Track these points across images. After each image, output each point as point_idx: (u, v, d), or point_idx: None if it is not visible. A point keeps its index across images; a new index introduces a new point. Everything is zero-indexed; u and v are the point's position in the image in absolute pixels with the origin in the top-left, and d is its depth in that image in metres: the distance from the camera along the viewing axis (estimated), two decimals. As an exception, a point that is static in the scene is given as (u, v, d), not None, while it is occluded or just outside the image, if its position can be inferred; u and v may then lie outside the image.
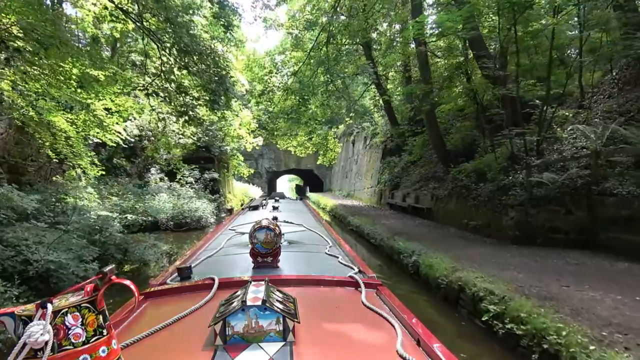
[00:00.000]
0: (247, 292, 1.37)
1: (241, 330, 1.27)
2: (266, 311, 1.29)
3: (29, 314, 0.93)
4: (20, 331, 0.91)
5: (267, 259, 2.30)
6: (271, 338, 1.28)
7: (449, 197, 10.14)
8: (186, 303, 1.71)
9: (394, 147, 16.56)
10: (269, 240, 2.27)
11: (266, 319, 1.28)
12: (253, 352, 1.22)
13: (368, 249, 9.27)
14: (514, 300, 3.81)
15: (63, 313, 0.96)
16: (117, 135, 11.35)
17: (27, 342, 0.89)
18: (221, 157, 18.39)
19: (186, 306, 1.66)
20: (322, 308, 1.79)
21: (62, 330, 0.95)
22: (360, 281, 2.03)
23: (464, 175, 9.72)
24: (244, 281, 1.68)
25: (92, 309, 1.00)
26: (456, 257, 5.83)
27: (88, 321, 0.99)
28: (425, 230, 9.22)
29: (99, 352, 0.98)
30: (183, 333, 1.46)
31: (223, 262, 2.66)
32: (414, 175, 14.50)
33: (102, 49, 15.66)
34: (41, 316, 0.92)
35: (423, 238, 7.93)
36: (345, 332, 1.50)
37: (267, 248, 2.28)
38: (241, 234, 3.60)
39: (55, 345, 0.93)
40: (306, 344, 1.30)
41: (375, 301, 1.86)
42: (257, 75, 14.66)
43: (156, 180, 12.82)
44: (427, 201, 11.54)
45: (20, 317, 0.93)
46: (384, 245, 8.21)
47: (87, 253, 4.66)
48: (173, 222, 11.03)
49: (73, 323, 0.96)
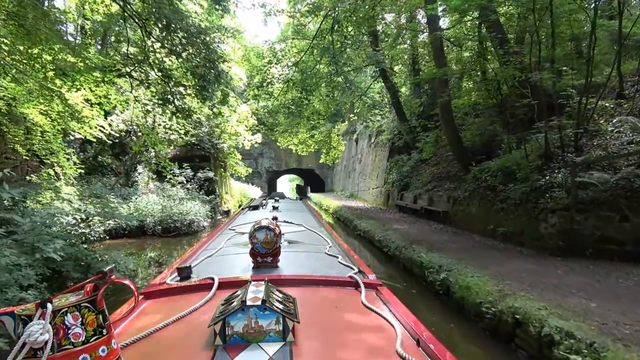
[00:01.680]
0: (247, 292, 1.35)
1: (241, 330, 1.26)
2: (266, 311, 1.27)
3: (29, 314, 0.93)
4: (20, 331, 0.92)
5: (267, 259, 2.28)
6: (271, 338, 1.27)
7: (470, 199, 9.03)
8: (186, 303, 1.70)
9: (403, 144, 15.44)
10: (269, 240, 2.24)
11: (266, 319, 1.27)
12: (253, 352, 1.21)
13: (380, 259, 8.15)
14: (609, 349, 2.70)
15: (63, 312, 0.96)
16: (100, 130, 10.28)
17: (27, 342, 0.89)
18: (217, 155, 17.28)
19: (186, 306, 1.64)
20: (322, 308, 1.77)
21: (61, 329, 0.95)
22: (360, 281, 2.01)
23: (488, 174, 8.60)
24: (244, 281, 1.66)
25: (92, 308, 1.00)
26: (496, 275, 4.73)
27: (88, 321, 0.99)
28: (445, 237, 8.11)
29: (98, 351, 0.99)
30: (183, 333, 1.44)
31: (223, 262, 2.62)
32: (425, 175, 13.39)
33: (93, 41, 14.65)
34: (41, 316, 0.92)
35: (446, 248, 6.82)
36: (345, 332, 1.49)
37: (267, 248, 2.26)
38: (241, 234, 3.57)
39: (55, 345, 0.93)
40: (306, 344, 1.29)
41: (375, 301, 1.84)
42: (255, 66, 13.53)
43: (144, 180, 11.70)
44: (443, 203, 10.43)
45: (20, 317, 0.93)
46: (400, 255, 7.10)
47: (27, 273, 3.56)
48: (161, 226, 9.92)
49: (73, 323, 0.97)
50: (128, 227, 9.68)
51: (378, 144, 19.24)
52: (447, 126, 10.98)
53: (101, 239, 9.27)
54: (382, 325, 1.54)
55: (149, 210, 10.20)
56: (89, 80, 8.29)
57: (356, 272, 2.23)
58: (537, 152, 7.89)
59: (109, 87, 8.70)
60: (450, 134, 10.97)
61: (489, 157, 10.03)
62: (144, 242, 9.60)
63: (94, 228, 6.45)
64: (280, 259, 2.33)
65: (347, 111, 14.91)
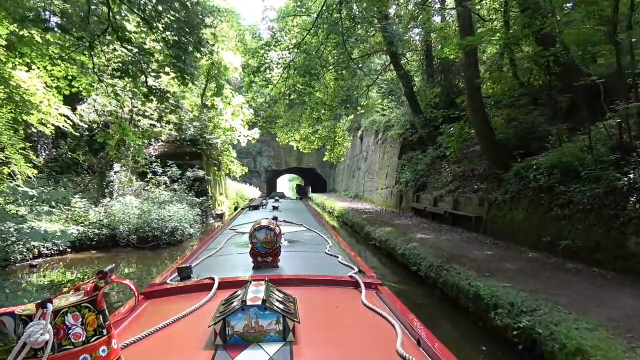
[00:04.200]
0: (247, 292, 1.34)
1: (241, 330, 1.24)
2: (266, 311, 1.25)
3: (29, 314, 0.92)
4: (20, 331, 0.91)
5: (267, 259, 2.25)
6: (271, 338, 1.25)
7: (513, 202, 7.38)
8: (186, 303, 1.67)
9: (417, 140, 13.79)
10: (269, 240, 2.21)
11: (266, 319, 1.25)
12: (253, 352, 1.19)
13: (405, 278, 6.49)
14: None
15: (63, 313, 0.96)
16: (65, 121, 8.62)
17: (27, 342, 0.88)
18: (210, 152, 15.62)
19: (186, 306, 1.62)
20: (322, 308, 1.74)
21: (62, 330, 0.95)
22: (361, 281, 1.98)
23: (538, 172, 6.95)
24: (244, 281, 1.63)
25: (92, 308, 1.00)
26: (612, 325, 3.09)
27: (88, 321, 0.99)
28: (487, 251, 6.47)
29: (99, 352, 0.99)
30: (183, 333, 1.43)
31: (223, 262, 2.59)
32: (445, 174, 11.75)
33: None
34: (41, 316, 0.92)
35: (499, 269, 5.18)
36: (345, 332, 1.47)
37: (267, 248, 2.23)
38: (241, 234, 3.55)
39: (56, 345, 0.93)
40: (306, 344, 1.28)
41: (376, 301, 1.81)
42: (250, 50, 11.83)
43: (122, 180, 10.03)
44: (474, 207, 8.79)
45: (20, 317, 0.92)
46: (438, 279, 5.44)
47: None
48: (137, 235, 8.25)
49: (73, 323, 0.97)
50: (97, 237, 8.02)
51: (387, 140, 17.58)
52: (476, 116, 9.32)
53: (60, 252, 7.65)
54: (382, 325, 1.51)
55: (124, 216, 8.53)
56: (41, 57, 6.65)
57: (356, 272, 2.19)
58: (605, 143, 6.26)
59: (68, 66, 7.04)
60: (480, 126, 9.31)
61: (528, 152, 8.43)
62: (116, 255, 7.93)
63: (11, 247, 4.78)
64: (280, 259, 2.28)
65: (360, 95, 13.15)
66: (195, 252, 3.03)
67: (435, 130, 13.43)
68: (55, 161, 11.88)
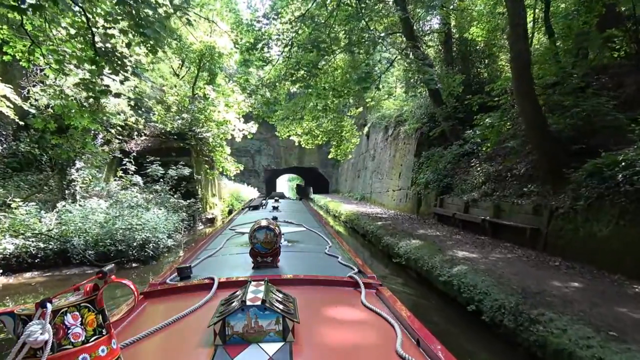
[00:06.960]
0: (247, 292, 1.33)
1: (241, 330, 1.23)
2: (266, 311, 1.24)
3: (29, 314, 0.91)
4: (19, 331, 0.90)
5: (267, 259, 2.23)
6: (271, 338, 1.24)
7: (590, 212, 5.54)
8: (186, 303, 1.67)
9: (439, 134, 11.95)
10: (269, 240, 2.19)
11: (266, 319, 1.24)
12: (253, 352, 1.19)
13: (456, 320, 4.65)
14: None
15: (62, 312, 0.94)
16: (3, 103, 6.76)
17: (27, 342, 0.87)
18: (201, 148, 13.77)
19: (186, 306, 1.62)
20: (322, 308, 1.72)
21: (61, 329, 0.93)
22: (360, 281, 1.97)
23: (631, 173, 5.12)
24: (244, 281, 1.62)
25: (92, 308, 0.99)
26: None
27: (87, 321, 0.97)
28: (572, 282, 4.62)
29: (98, 351, 0.97)
30: (183, 333, 1.42)
31: (223, 262, 2.57)
32: (476, 173, 9.92)
33: None
34: (40, 316, 0.90)
35: (619, 318, 3.35)
36: (344, 332, 1.47)
37: (267, 248, 2.20)
38: (241, 234, 3.53)
39: (55, 345, 0.91)
40: (306, 344, 1.28)
41: (375, 301, 1.80)
42: (242, 23, 9.97)
43: (84, 178, 8.16)
44: (526, 217, 6.94)
45: (19, 317, 0.91)
46: (519, 331, 3.60)
47: None
48: (95, 250, 6.38)
49: (72, 322, 0.95)
50: (41, 253, 6.15)
51: (399, 136, 15.73)
52: (525, 100, 7.46)
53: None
54: (382, 325, 1.51)
55: (81, 224, 6.67)
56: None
57: (356, 272, 2.18)
58: None
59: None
60: (529, 113, 7.46)
61: (591, 148, 6.64)
62: (65, 279, 6.03)
63: None
64: (280, 259, 2.27)
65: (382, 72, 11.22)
66: (194, 252, 3.01)
67: (459, 122, 11.61)
68: (14, 156, 10.03)
